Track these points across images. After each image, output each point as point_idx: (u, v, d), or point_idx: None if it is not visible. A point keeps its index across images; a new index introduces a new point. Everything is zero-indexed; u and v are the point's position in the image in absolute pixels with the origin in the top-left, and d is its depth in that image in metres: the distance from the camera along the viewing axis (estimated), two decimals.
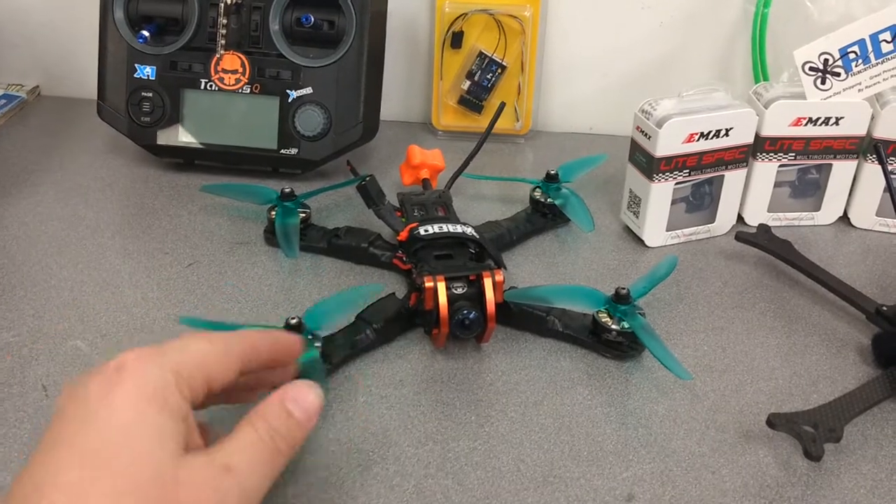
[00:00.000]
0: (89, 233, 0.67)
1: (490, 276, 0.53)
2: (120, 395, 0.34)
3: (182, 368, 0.36)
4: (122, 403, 0.34)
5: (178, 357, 0.37)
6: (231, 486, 0.35)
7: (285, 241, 0.63)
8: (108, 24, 0.73)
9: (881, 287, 0.63)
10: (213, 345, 0.38)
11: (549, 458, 0.47)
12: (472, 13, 0.80)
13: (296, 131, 0.72)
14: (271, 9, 0.71)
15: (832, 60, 0.65)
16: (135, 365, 0.35)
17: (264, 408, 0.38)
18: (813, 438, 0.46)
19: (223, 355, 0.39)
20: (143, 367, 0.35)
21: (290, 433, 0.38)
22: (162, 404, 0.35)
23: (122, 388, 0.35)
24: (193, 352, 0.38)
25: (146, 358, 0.36)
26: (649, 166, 0.64)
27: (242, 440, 0.37)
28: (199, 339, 0.39)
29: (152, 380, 0.35)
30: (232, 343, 0.40)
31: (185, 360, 0.37)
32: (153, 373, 0.35)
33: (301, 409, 0.39)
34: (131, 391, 0.35)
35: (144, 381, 0.35)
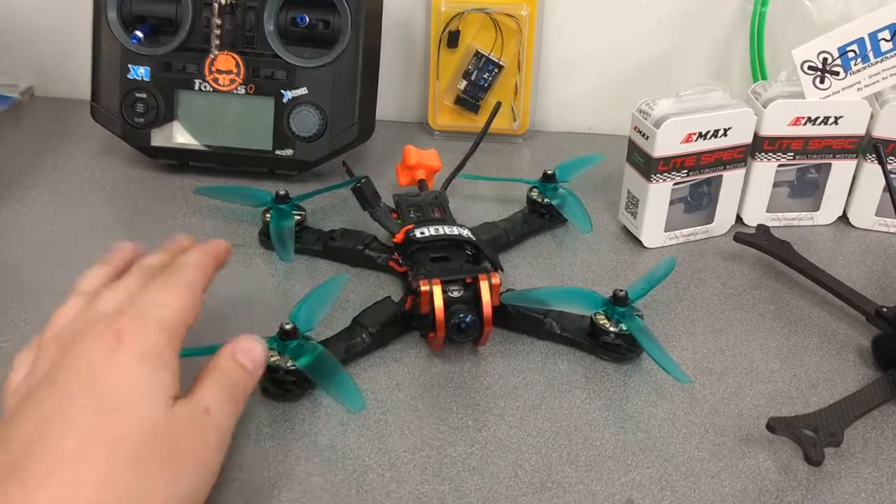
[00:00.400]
0: (82, 235, 0.66)
1: (486, 278, 0.53)
2: (121, 360, 0.39)
3: (169, 326, 0.41)
4: (124, 366, 0.39)
5: (162, 314, 0.42)
6: (210, 424, 0.41)
7: (280, 244, 0.62)
8: (101, 24, 0.72)
9: (881, 288, 0.62)
10: (180, 289, 0.43)
11: (547, 464, 0.47)
12: (469, 12, 0.79)
13: (291, 132, 0.71)
14: (266, 9, 0.70)
15: (831, 59, 0.65)
16: (130, 331, 0.40)
17: (218, 361, 0.44)
18: (813, 443, 0.46)
19: (192, 300, 0.44)
20: (137, 332, 0.40)
21: (242, 381, 0.44)
22: (157, 364, 0.40)
23: (122, 354, 0.39)
24: (169, 305, 0.42)
25: (138, 323, 0.41)
26: (647, 166, 0.63)
27: (210, 386, 0.42)
28: (167, 289, 0.43)
29: (149, 343, 0.40)
30: (192, 281, 0.45)
31: (169, 317, 0.42)
32: (149, 338, 0.40)
33: (251, 359, 0.45)
34: (131, 355, 0.39)
35: (141, 345, 0.40)
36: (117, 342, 0.39)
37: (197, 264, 0.46)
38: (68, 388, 0.38)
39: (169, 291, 0.43)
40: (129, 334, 0.40)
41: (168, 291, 0.43)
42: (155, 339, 0.40)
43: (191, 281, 0.45)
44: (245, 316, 0.58)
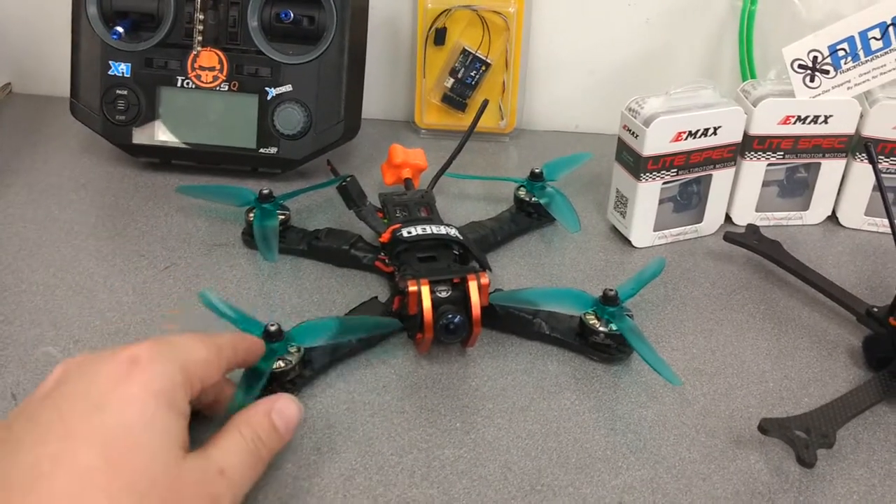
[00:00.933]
0: (62, 235, 0.65)
1: (475, 278, 0.52)
2: (134, 388, 0.37)
3: (188, 369, 0.39)
4: (136, 398, 0.36)
5: (185, 356, 0.39)
6: (224, 486, 0.38)
7: (264, 244, 0.61)
8: (80, 19, 0.71)
9: (871, 287, 0.62)
10: (211, 350, 0.41)
11: (536, 466, 0.46)
12: (456, 9, 0.78)
13: (275, 130, 0.70)
14: (250, 4, 0.69)
15: (821, 58, 0.64)
16: (149, 359, 0.38)
17: (251, 415, 0.42)
18: (806, 444, 0.45)
19: (217, 360, 0.41)
20: (156, 364, 0.38)
21: (271, 442, 0.42)
22: (170, 403, 0.37)
23: (136, 382, 0.37)
24: (197, 356, 0.40)
25: (159, 354, 0.38)
26: (636, 165, 0.62)
27: (231, 444, 0.40)
28: (198, 342, 0.41)
29: (165, 376, 0.38)
30: (221, 346, 0.42)
31: (190, 361, 0.39)
32: (167, 370, 0.38)
33: (284, 420, 0.43)
34: (145, 387, 0.37)
35: (157, 377, 0.37)
36: (132, 366, 0.37)
37: (230, 340, 0.44)
38: (73, 410, 0.36)
39: (198, 343, 0.41)
40: (147, 362, 0.38)
41: (197, 343, 0.41)
42: (172, 376, 0.38)
43: (221, 345, 0.42)
44: None
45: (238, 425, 0.41)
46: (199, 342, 0.41)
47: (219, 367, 0.41)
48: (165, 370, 0.38)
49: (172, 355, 0.39)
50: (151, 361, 0.38)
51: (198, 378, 0.40)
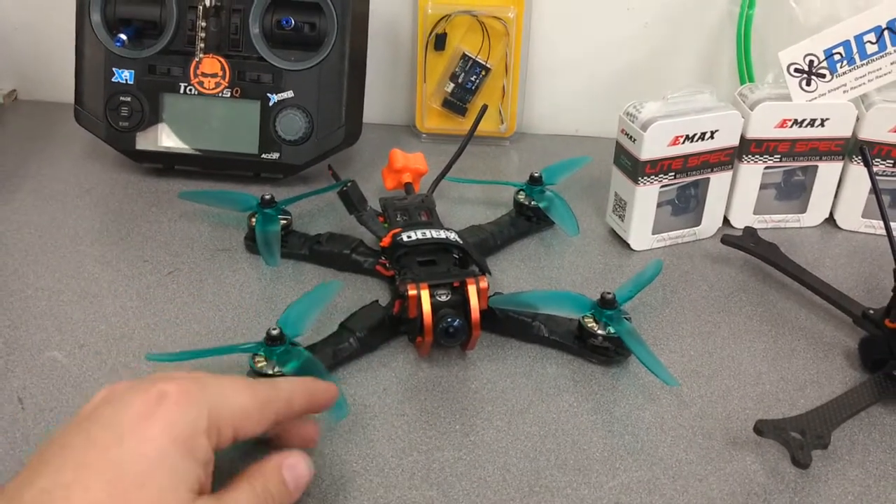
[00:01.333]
0: (67, 240, 0.66)
1: (474, 282, 0.52)
2: (155, 428, 0.36)
3: (218, 415, 0.38)
4: (154, 438, 0.36)
5: (218, 402, 0.39)
6: None
7: (266, 248, 0.62)
8: (84, 27, 0.71)
9: (867, 290, 0.63)
10: (254, 399, 0.40)
11: (535, 468, 0.47)
12: (456, 15, 0.79)
13: (277, 135, 0.71)
14: (251, 11, 0.70)
15: (817, 62, 0.65)
16: (176, 399, 0.37)
17: (263, 468, 0.41)
18: (801, 445, 0.46)
19: (259, 412, 0.40)
20: (183, 405, 0.37)
21: (280, 497, 0.41)
22: (188, 448, 0.37)
23: (158, 422, 0.36)
24: (233, 403, 0.39)
25: (188, 394, 0.38)
26: (634, 169, 0.63)
27: (242, 495, 0.39)
28: (242, 391, 0.40)
29: (188, 421, 0.37)
30: (272, 399, 0.41)
31: (224, 407, 0.39)
32: (191, 414, 0.37)
33: (294, 478, 0.42)
34: (165, 428, 0.36)
35: (180, 420, 0.37)
36: (159, 404, 0.37)
37: (287, 388, 0.43)
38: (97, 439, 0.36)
39: (240, 390, 0.40)
40: (173, 402, 0.37)
41: (239, 390, 0.40)
42: (196, 419, 0.37)
43: (269, 395, 0.41)
44: (232, 321, 0.58)
45: (250, 477, 0.40)
46: (243, 389, 0.40)
47: (261, 419, 0.40)
48: (190, 414, 0.37)
49: (202, 398, 0.38)
50: (178, 403, 0.37)
51: (229, 426, 0.39)
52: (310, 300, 0.53)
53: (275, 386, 0.43)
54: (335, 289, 0.54)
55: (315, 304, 0.53)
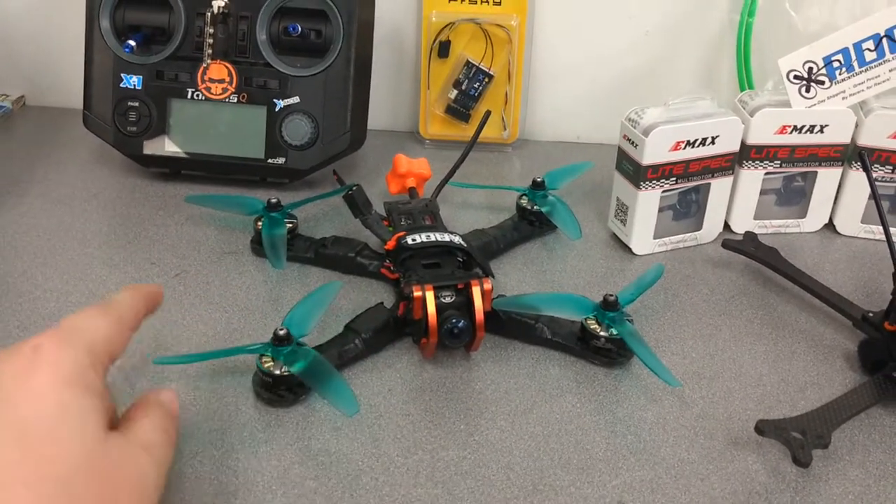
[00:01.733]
0: (75, 243, 0.66)
1: (478, 284, 0.53)
2: (41, 378, 0.35)
3: (93, 347, 0.38)
4: (44, 388, 0.35)
5: (87, 335, 0.38)
6: (150, 463, 0.38)
7: (272, 251, 0.63)
8: (94, 33, 0.72)
9: (867, 293, 0.63)
10: (111, 319, 0.40)
11: (538, 467, 0.47)
12: (459, 22, 0.80)
13: (283, 140, 0.72)
14: (258, 18, 0.71)
15: (816, 69, 0.66)
16: (51, 347, 0.36)
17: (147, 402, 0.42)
18: (801, 445, 0.46)
19: (119, 330, 0.41)
20: (59, 350, 0.36)
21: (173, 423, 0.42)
22: (83, 387, 0.36)
23: (42, 371, 0.35)
24: (98, 329, 0.39)
25: (61, 339, 0.37)
26: (636, 174, 0.64)
27: (147, 423, 0.40)
28: (98, 315, 0.40)
29: (71, 361, 0.36)
30: (122, 314, 0.42)
31: (94, 338, 0.39)
32: (70, 354, 0.37)
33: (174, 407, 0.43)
34: (51, 375, 0.35)
35: (63, 364, 0.36)
36: (35, 356, 0.36)
37: (128, 299, 0.43)
38: None
39: (99, 318, 0.40)
40: (50, 349, 0.36)
41: (98, 318, 0.40)
42: (77, 359, 0.37)
43: (120, 313, 0.41)
44: (238, 323, 0.58)
45: (144, 406, 0.41)
46: (101, 317, 0.40)
47: (122, 336, 0.41)
48: (70, 354, 0.37)
49: (75, 338, 0.38)
50: (55, 348, 0.36)
51: (106, 354, 0.39)
52: (312, 301, 0.54)
53: (118, 301, 0.43)
54: (336, 289, 0.55)
55: (318, 304, 0.53)
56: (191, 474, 0.46)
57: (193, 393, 0.51)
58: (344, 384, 0.49)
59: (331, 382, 0.49)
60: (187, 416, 0.50)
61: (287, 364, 0.50)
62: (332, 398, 0.49)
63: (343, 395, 0.48)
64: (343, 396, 0.48)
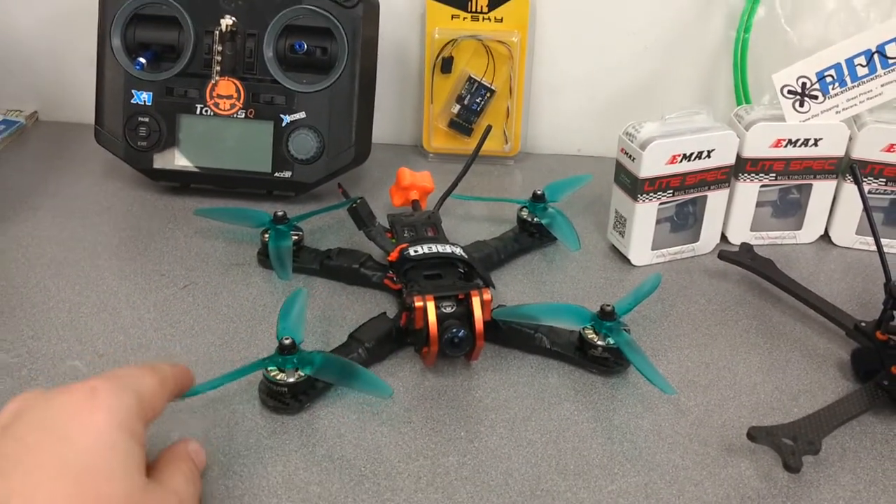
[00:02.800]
0: (87, 255, 0.68)
1: (478, 294, 0.54)
2: (97, 418, 0.38)
3: (142, 398, 0.41)
4: (100, 428, 0.37)
5: (138, 387, 0.41)
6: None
7: (278, 263, 0.64)
8: (105, 51, 0.74)
9: (861, 304, 0.64)
10: (156, 379, 0.43)
11: (536, 473, 0.49)
12: (462, 39, 0.81)
13: (289, 155, 0.74)
14: (265, 36, 0.72)
15: (810, 84, 0.67)
16: (107, 391, 0.39)
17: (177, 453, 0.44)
18: (792, 451, 0.47)
19: (162, 391, 0.43)
20: (114, 394, 0.39)
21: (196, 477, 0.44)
22: (131, 432, 0.38)
23: (98, 412, 0.38)
24: (146, 384, 0.42)
25: (115, 384, 0.40)
26: (634, 187, 0.65)
27: (177, 473, 0.42)
28: (147, 374, 0.43)
29: (124, 407, 0.39)
30: (165, 377, 0.44)
31: (143, 391, 0.41)
32: (124, 401, 0.39)
33: (200, 461, 0.46)
34: (106, 417, 0.38)
35: (118, 408, 0.39)
36: (92, 397, 0.38)
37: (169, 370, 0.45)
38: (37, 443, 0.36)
39: (146, 374, 0.42)
40: (105, 393, 0.38)
41: (146, 374, 0.42)
42: (129, 405, 0.39)
43: (164, 377, 0.44)
44: (245, 333, 0.60)
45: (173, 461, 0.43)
46: (148, 373, 0.43)
47: (163, 397, 0.43)
48: (123, 400, 0.39)
49: (128, 385, 0.40)
50: (110, 392, 0.39)
51: (150, 407, 0.41)
52: (293, 311, 0.55)
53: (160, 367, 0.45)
54: (303, 294, 0.56)
55: (299, 312, 0.55)
56: None
57: (201, 400, 0.52)
58: (368, 372, 0.51)
59: (355, 374, 0.51)
60: (195, 422, 0.51)
61: (301, 369, 0.51)
62: (363, 387, 0.51)
63: (372, 381, 0.51)
64: (373, 382, 0.51)
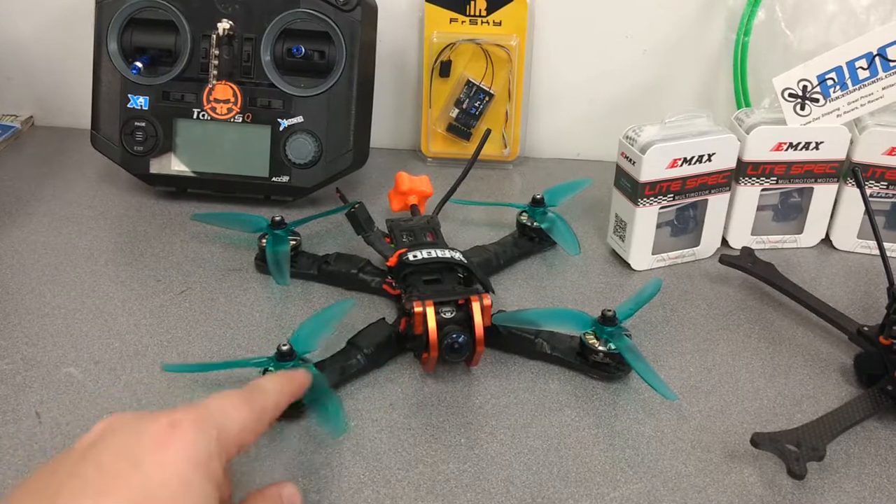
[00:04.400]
0: (83, 261, 0.68)
1: (478, 300, 0.54)
2: (172, 454, 0.37)
3: (225, 436, 0.39)
4: (175, 463, 0.36)
5: (224, 423, 0.39)
6: None
7: (276, 268, 0.64)
8: (102, 55, 0.74)
9: (863, 308, 0.64)
10: (252, 412, 0.41)
11: (537, 480, 0.48)
12: (460, 43, 0.81)
13: (287, 159, 0.73)
14: (263, 40, 0.72)
15: (810, 87, 0.67)
16: (188, 427, 0.38)
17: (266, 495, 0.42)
18: (796, 457, 0.47)
19: (256, 423, 0.42)
20: (195, 431, 0.38)
21: None
22: (207, 472, 0.37)
23: (175, 448, 0.37)
24: (235, 420, 0.40)
25: (199, 420, 0.38)
26: (634, 191, 0.65)
27: None
28: (241, 406, 0.41)
29: (202, 446, 0.38)
30: (265, 407, 0.43)
31: (228, 427, 0.40)
32: (203, 439, 0.38)
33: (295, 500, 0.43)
34: (183, 454, 0.37)
35: (195, 446, 0.37)
36: (172, 431, 0.37)
37: (274, 390, 0.44)
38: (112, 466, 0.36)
39: (240, 407, 0.41)
40: (185, 427, 0.38)
41: (239, 407, 0.41)
42: (208, 443, 0.38)
43: (263, 405, 0.43)
44: (242, 339, 0.59)
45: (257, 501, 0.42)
46: (241, 405, 0.41)
47: (259, 427, 0.42)
48: (203, 439, 0.38)
49: (212, 423, 0.39)
50: (190, 429, 0.38)
51: (234, 444, 0.40)
52: (323, 318, 0.54)
53: (264, 391, 0.44)
54: (347, 307, 0.56)
55: (327, 321, 0.54)
56: None
57: None
58: (337, 405, 0.50)
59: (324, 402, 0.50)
60: None
61: None
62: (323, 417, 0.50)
63: (333, 415, 0.49)
64: (332, 417, 0.49)
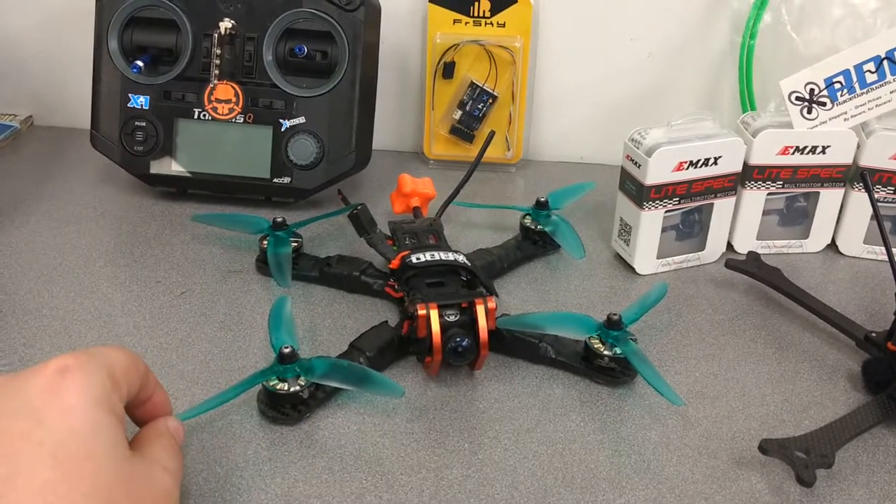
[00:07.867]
0: (82, 261, 0.67)
1: (482, 303, 0.53)
2: (72, 398, 0.36)
3: (114, 374, 0.39)
4: (76, 407, 0.36)
5: (110, 363, 0.39)
6: (170, 482, 0.40)
7: (277, 270, 0.63)
8: (102, 54, 0.73)
9: (870, 313, 0.63)
10: (128, 354, 0.41)
11: (542, 486, 0.47)
12: (464, 44, 0.81)
13: (289, 160, 0.73)
14: (265, 39, 0.72)
15: (818, 90, 0.66)
16: (77, 369, 0.37)
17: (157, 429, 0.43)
18: (805, 464, 0.46)
19: (135, 366, 0.42)
20: (86, 371, 0.37)
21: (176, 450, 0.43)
22: (110, 407, 0.37)
23: (72, 392, 0.36)
24: (119, 361, 0.40)
25: (86, 361, 0.38)
26: (639, 194, 0.64)
27: (162, 447, 0.42)
28: (118, 351, 0.41)
29: (98, 383, 0.37)
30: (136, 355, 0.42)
31: (115, 367, 0.39)
32: (97, 376, 0.37)
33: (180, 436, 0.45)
34: (82, 395, 0.36)
35: (91, 385, 0.37)
36: (62, 377, 0.36)
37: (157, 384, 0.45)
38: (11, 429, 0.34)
39: (118, 351, 0.41)
40: (77, 371, 0.37)
41: (117, 351, 0.41)
42: (102, 380, 0.37)
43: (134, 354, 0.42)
44: (243, 341, 0.58)
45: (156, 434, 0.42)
46: (117, 350, 0.41)
47: (138, 373, 0.41)
48: (96, 376, 0.37)
49: (99, 362, 0.38)
50: (81, 370, 0.37)
51: (125, 383, 0.40)
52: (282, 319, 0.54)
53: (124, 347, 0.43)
54: (287, 301, 0.56)
55: (288, 321, 0.54)
56: (195, 492, 0.46)
57: None
58: (376, 373, 0.51)
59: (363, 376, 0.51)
60: (190, 432, 0.50)
61: (305, 376, 0.50)
62: (372, 388, 0.51)
63: (380, 381, 0.50)
64: (382, 383, 0.50)
